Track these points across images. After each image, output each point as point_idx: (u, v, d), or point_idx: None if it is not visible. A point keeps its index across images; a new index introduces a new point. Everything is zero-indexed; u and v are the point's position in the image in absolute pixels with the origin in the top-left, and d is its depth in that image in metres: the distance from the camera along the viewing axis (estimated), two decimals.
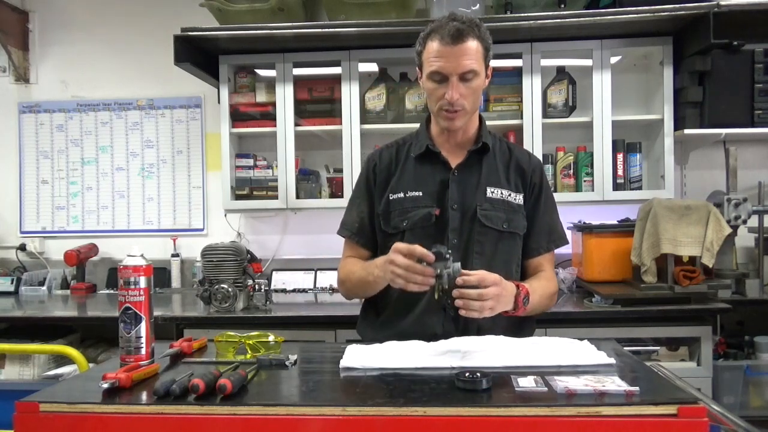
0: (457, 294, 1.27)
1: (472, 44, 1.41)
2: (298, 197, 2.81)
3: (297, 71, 2.79)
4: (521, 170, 1.57)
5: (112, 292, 3.00)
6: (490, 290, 1.28)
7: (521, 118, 2.69)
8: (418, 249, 1.27)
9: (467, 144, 1.56)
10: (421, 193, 1.52)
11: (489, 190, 1.52)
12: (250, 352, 1.28)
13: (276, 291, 2.86)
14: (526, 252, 1.59)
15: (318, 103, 2.85)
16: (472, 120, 1.55)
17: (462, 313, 1.29)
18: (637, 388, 0.96)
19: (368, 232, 1.59)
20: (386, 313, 1.55)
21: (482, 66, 1.45)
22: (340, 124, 2.75)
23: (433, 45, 1.41)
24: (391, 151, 1.62)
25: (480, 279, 1.28)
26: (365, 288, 1.54)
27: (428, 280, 1.27)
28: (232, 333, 1.32)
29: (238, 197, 2.85)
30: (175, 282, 3.07)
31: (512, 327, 1.49)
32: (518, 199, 1.54)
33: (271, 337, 1.29)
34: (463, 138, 1.55)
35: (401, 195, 1.53)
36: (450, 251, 1.27)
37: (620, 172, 2.72)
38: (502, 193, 1.52)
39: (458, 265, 1.27)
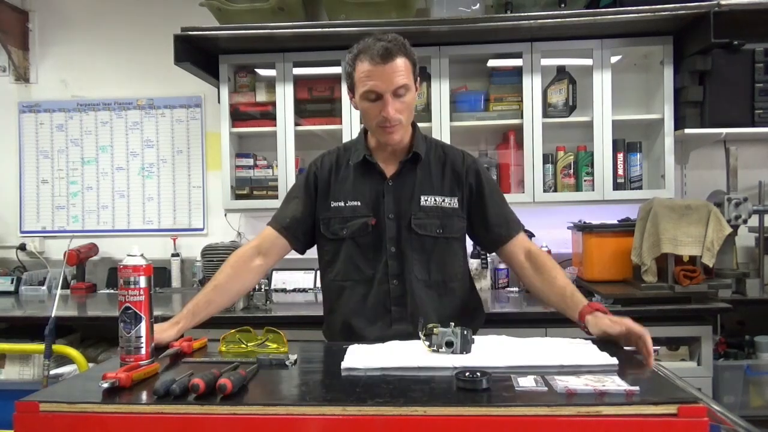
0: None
1: (401, 61, 1.45)
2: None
3: (297, 71, 2.79)
4: (456, 173, 1.60)
5: (112, 291, 3.00)
6: (648, 341, 1.27)
7: (521, 117, 2.69)
8: None
9: (402, 153, 1.59)
10: (359, 203, 1.57)
11: (423, 198, 1.56)
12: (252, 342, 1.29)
13: (276, 291, 2.86)
14: (491, 244, 1.63)
15: (318, 102, 2.85)
16: (408, 128, 1.59)
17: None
18: (637, 388, 0.96)
19: (298, 229, 1.62)
20: (336, 311, 1.60)
21: (412, 81, 1.49)
22: (341, 123, 2.75)
23: (364, 65, 1.45)
24: (332, 158, 1.65)
25: (647, 348, 1.26)
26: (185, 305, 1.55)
27: None
28: (239, 335, 1.33)
29: (238, 197, 2.85)
30: (175, 282, 3.07)
31: (461, 320, 1.41)
32: (453, 203, 1.58)
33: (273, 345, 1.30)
34: (398, 148, 1.59)
35: (341, 204, 1.58)
36: (454, 341, 1.22)
37: (620, 171, 2.72)
38: (435, 200, 1.57)
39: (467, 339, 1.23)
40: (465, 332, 1.21)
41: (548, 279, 1.53)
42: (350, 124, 2.72)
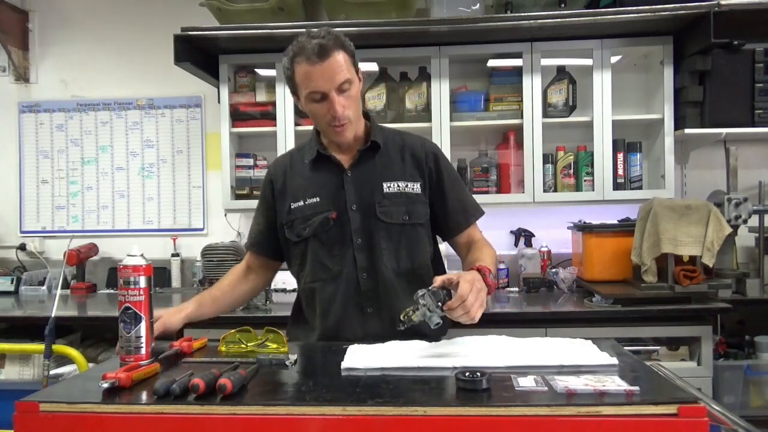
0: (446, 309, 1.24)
1: (339, 56, 1.41)
2: None
3: None
4: (415, 158, 1.58)
5: (112, 291, 3.00)
6: (470, 298, 1.23)
7: (521, 117, 2.69)
8: None
9: (357, 144, 1.57)
10: (318, 199, 1.53)
11: (385, 185, 1.53)
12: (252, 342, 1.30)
13: (276, 291, 2.85)
14: (448, 232, 1.62)
15: None
16: (360, 121, 1.56)
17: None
18: (637, 388, 0.96)
19: (265, 242, 1.63)
20: (312, 317, 1.57)
21: (353, 73, 1.46)
22: None
23: (302, 67, 1.41)
24: (285, 160, 1.65)
25: (460, 298, 1.23)
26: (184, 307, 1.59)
27: None
28: (239, 335, 1.33)
29: (238, 197, 2.85)
30: (175, 282, 3.07)
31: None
32: (416, 188, 1.55)
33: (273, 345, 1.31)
34: (353, 140, 1.56)
35: (301, 203, 1.55)
36: (430, 289, 1.23)
37: (620, 171, 2.72)
38: (398, 186, 1.53)
39: (438, 297, 1.23)
40: (432, 289, 1.21)
41: (471, 254, 1.56)
42: None
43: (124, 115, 3.21)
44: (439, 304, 1.21)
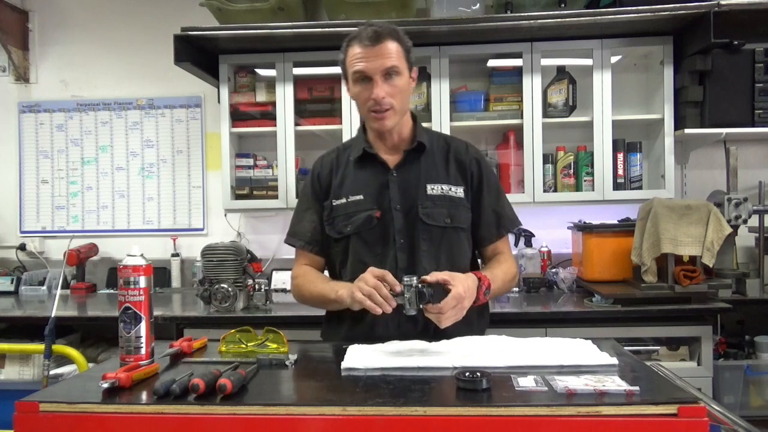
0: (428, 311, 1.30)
1: (392, 45, 1.45)
2: (298, 197, 2.80)
3: (297, 71, 2.79)
4: (460, 162, 1.58)
5: (112, 291, 3.00)
6: (449, 313, 1.29)
7: (521, 117, 2.69)
8: (389, 276, 1.31)
9: (403, 145, 1.57)
10: (362, 197, 1.53)
11: (429, 187, 1.53)
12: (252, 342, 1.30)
13: (276, 291, 2.85)
14: (479, 242, 1.61)
15: (318, 102, 2.85)
16: (405, 121, 1.57)
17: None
18: (637, 388, 0.96)
19: (320, 240, 1.61)
20: (347, 317, 1.54)
21: (404, 65, 1.48)
22: (341, 123, 2.75)
23: (354, 49, 1.46)
24: (332, 157, 1.64)
25: (438, 308, 1.28)
26: (324, 303, 1.56)
27: (389, 303, 1.29)
28: (239, 335, 1.33)
29: (238, 197, 2.85)
30: (175, 282, 3.07)
31: (470, 321, 1.48)
32: (459, 192, 1.55)
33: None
34: (399, 140, 1.57)
35: (344, 200, 1.55)
36: (419, 285, 1.27)
37: (620, 171, 2.72)
38: (442, 189, 1.54)
39: (425, 291, 1.27)
40: (422, 288, 1.26)
41: (488, 264, 1.59)
42: (350, 124, 2.72)
43: (124, 115, 3.21)
44: (420, 306, 1.26)
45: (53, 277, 3.01)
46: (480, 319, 1.60)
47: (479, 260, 1.66)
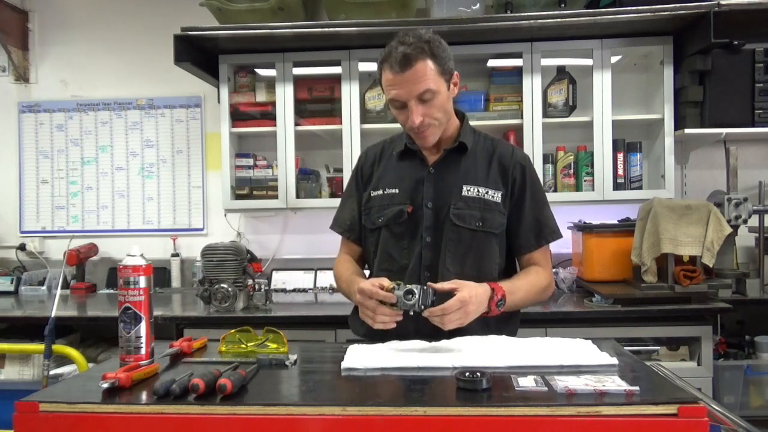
0: (426, 314, 1.29)
1: (422, 66, 1.39)
2: (298, 197, 2.81)
3: (297, 71, 2.79)
4: (503, 166, 1.56)
5: (112, 291, 3.00)
6: (452, 316, 1.28)
7: (521, 117, 2.69)
8: (380, 294, 1.30)
9: (446, 143, 1.57)
10: (397, 191, 1.54)
11: (465, 188, 1.51)
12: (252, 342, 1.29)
13: (276, 291, 2.86)
14: (517, 249, 1.58)
15: (318, 102, 2.85)
16: (451, 122, 1.55)
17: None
18: (637, 388, 0.96)
19: (358, 229, 1.63)
20: None
21: (439, 81, 1.43)
22: (340, 123, 2.75)
23: (387, 74, 1.43)
24: (377, 149, 1.66)
25: (443, 309, 1.28)
26: (350, 298, 1.57)
27: (394, 318, 1.30)
28: (239, 335, 1.33)
29: (238, 197, 2.85)
30: (175, 282, 3.07)
31: (492, 325, 1.46)
32: (496, 196, 1.52)
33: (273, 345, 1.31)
34: (442, 139, 1.55)
35: (380, 192, 1.56)
36: (415, 291, 1.27)
37: (620, 171, 2.72)
38: (478, 191, 1.51)
39: (428, 293, 1.28)
40: (426, 288, 1.27)
41: (518, 273, 1.58)
42: (350, 124, 2.72)
43: (124, 115, 3.21)
44: (422, 307, 1.27)
45: (53, 277, 3.01)
46: (507, 324, 1.55)
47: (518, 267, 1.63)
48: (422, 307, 1.27)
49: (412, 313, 1.29)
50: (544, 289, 1.55)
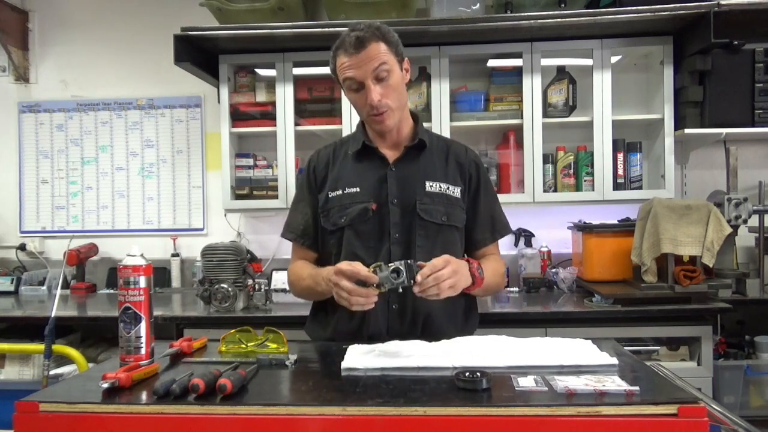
0: (417, 290, 1.29)
1: (376, 46, 1.44)
2: None
3: (297, 71, 2.79)
4: (459, 164, 1.61)
5: (112, 291, 3.00)
6: (444, 271, 1.30)
7: (521, 117, 2.69)
8: (362, 272, 1.29)
9: (404, 142, 1.59)
10: (358, 189, 1.54)
11: (428, 184, 1.54)
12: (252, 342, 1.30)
13: (276, 291, 2.85)
14: (473, 244, 1.62)
15: (318, 102, 2.85)
16: (405, 119, 1.59)
17: (422, 294, 1.31)
18: (637, 388, 0.96)
19: (312, 233, 1.62)
20: (334, 314, 1.54)
21: (393, 61, 1.47)
22: (341, 123, 2.75)
23: (342, 59, 1.47)
24: (329, 151, 1.66)
25: (432, 267, 1.30)
26: (314, 296, 1.57)
27: (371, 300, 1.30)
28: (239, 335, 1.33)
29: (238, 197, 2.85)
30: (175, 282, 3.07)
31: (457, 320, 1.54)
32: (456, 192, 1.57)
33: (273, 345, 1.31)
34: (399, 137, 1.59)
35: (339, 192, 1.55)
36: (401, 268, 1.27)
37: (620, 171, 2.72)
38: (440, 187, 1.55)
39: (412, 267, 1.28)
40: (409, 262, 1.27)
41: None
42: (350, 124, 2.72)
43: (124, 115, 3.21)
44: (412, 282, 1.26)
45: (53, 277, 3.01)
46: (468, 320, 1.60)
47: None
48: (412, 282, 1.27)
49: (401, 290, 1.28)
50: (503, 275, 1.65)
